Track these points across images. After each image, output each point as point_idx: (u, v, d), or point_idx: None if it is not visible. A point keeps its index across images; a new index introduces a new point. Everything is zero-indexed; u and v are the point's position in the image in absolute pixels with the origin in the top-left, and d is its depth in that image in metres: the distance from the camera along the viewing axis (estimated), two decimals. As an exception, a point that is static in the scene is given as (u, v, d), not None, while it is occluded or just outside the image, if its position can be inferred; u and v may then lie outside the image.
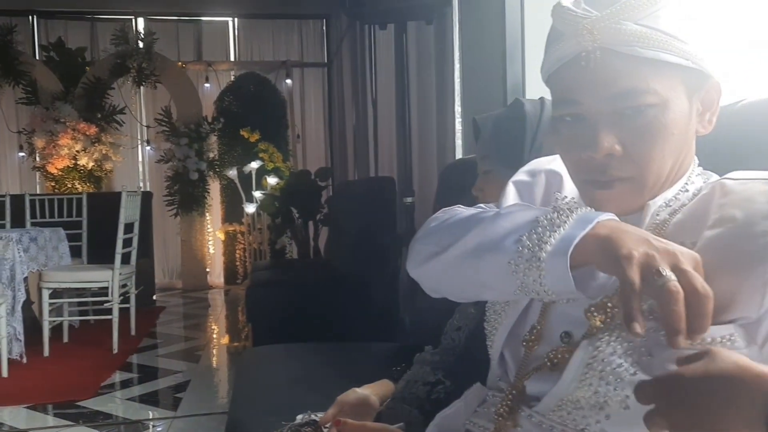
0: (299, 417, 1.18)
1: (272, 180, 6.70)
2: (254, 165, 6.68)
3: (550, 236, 0.69)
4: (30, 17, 7.47)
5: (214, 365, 3.94)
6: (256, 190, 6.68)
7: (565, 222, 0.70)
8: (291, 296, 3.62)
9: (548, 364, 0.76)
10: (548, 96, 1.20)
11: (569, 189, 0.89)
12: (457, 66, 2.66)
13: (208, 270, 7.18)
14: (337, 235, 4.72)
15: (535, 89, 2.06)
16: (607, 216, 0.70)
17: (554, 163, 0.93)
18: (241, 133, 6.88)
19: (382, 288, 3.28)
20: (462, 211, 0.88)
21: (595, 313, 0.72)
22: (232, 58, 7.74)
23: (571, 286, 0.67)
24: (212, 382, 3.58)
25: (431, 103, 3.00)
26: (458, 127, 2.71)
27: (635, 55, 0.71)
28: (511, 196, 0.93)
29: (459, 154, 2.68)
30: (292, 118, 7.50)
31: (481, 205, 0.94)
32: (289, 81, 7.54)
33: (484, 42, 2.24)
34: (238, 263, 7.04)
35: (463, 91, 2.54)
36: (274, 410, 1.41)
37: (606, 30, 0.71)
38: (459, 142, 2.69)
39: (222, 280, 7.18)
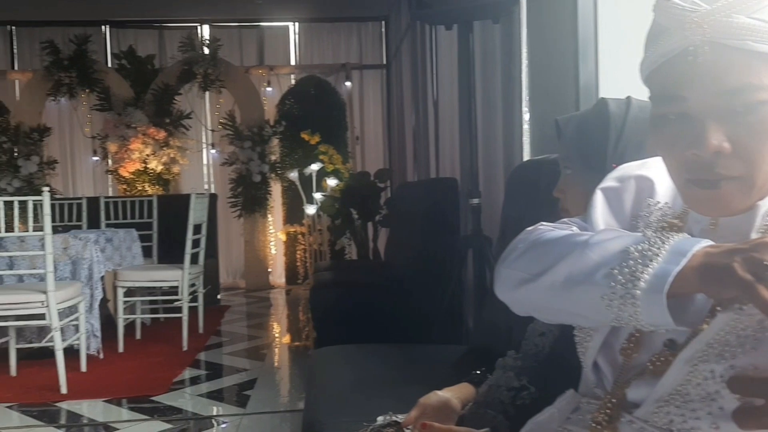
0: (380, 418, 1.18)
1: (332, 182, 6.77)
2: (314, 167, 6.76)
3: (642, 271, 0.67)
4: (103, 27, 7.81)
5: (280, 364, 4.01)
6: (317, 191, 6.76)
7: (657, 255, 0.68)
8: (353, 297, 3.66)
9: (650, 368, 0.75)
10: (624, 95, 1.17)
11: (661, 195, 0.87)
12: (524, 65, 2.63)
13: (270, 270, 7.32)
14: (397, 236, 4.73)
15: (610, 88, 2.01)
16: (702, 243, 0.68)
17: (644, 168, 0.91)
18: (302, 135, 6.98)
19: (444, 290, 3.27)
20: (547, 230, 0.87)
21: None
22: (292, 62, 7.87)
23: (669, 321, 0.66)
24: (278, 380, 3.65)
25: (496, 103, 2.96)
26: (525, 127, 2.67)
27: (747, 50, 0.69)
28: (599, 205, 0.91)
29: (526, 155, 2.64)
30: (351, 119, 7.56)
31: (565, 219, 0.92)
32: (348, 83, 7.61)
33: (555, 40, 2.20)
34: (298, 264, 7.15)
35: (531, 90, 2.51)
36: (351, 411, 1.42)
37: (716, 23, 0.69)
38: (526, 142, 2.65)
39: (283, 280, 7.30)
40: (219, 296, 6.37)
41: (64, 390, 3.29)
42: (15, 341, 3.69)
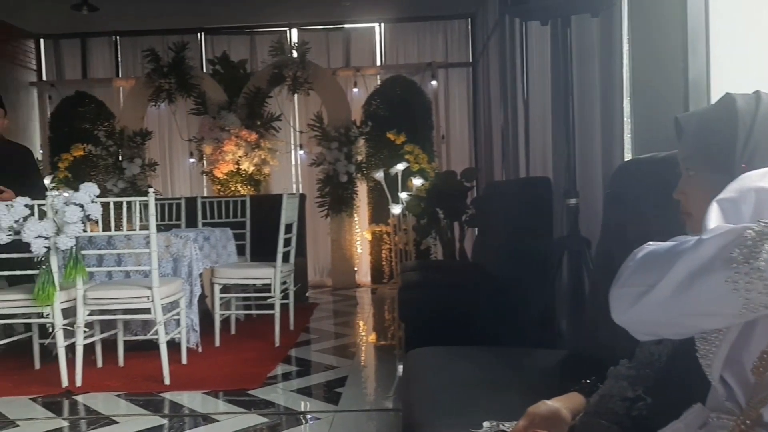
0: (486, 424, 1.16)
1: (418, 181, 6.77)
2: (400, 167, 6.79)
3: (762, 244, 0.69)
4: (198, 34, 8.17)
5: (369, 363, 4.04)
6: (402, 191, 6.78)
7: None
8: (441, 298, 3.63)
9: None
10: (739, 89, 1.09)
11: None
12: (625, 60, 2.52)
13: (356, 269, 7.41)
14: (486, 236, 4.67)
15: (722, 83, 1.90)
16: None
17: (766, 179, 0.85)
18: (388, 135, 7.04)
19: (536, 292, 3.19)
20: (657, 246, 0.86)
21: None
22: (378, 63, 7.94)
23: None
24: (368, 379, 3.68)
25: (594, 99, 2.86)
26: (627, 124, 2.56)
27: None
28: (713, 215, 0.86)
29: (628, 154, 2.53)
30: (437, 119, 7.54)
31: (678, 237, 0.88)
32: (434, 82, 7.59)
33: (661, 32, 2.10)
34: (384, 263, 7.20)
35: (633, 85, 2.40)
36: (452, 414, 1.41)
37: None
38: (628, 140, 2.54)
39: (369, 279, 7.38)
40: (308, 294, 6.51)
41: (167, 381, 3.46)
42: (122, 333, 3.92)
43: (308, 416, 2.96)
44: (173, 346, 3.77)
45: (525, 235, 3.31)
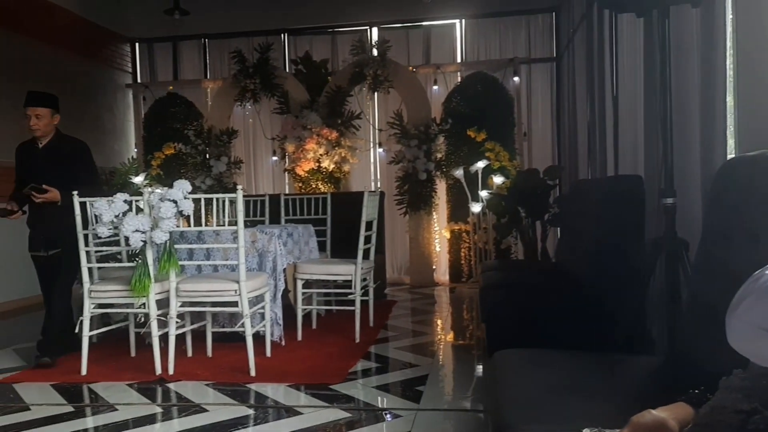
0: (586, 431, 1.12)
1: (498, 179, 6.68)
2: (480, 164, 6.71)
3: None
4: (282, 35, 8.37)
5: (449, 362, 4.01)
6: (482, 189, 6.70)
7: None
8: (525, 299, 3.56)
9: None
10: None
11: None
12: (729, 53, 2.37)
13: (434, 267, 7.38)
14: (571, 236, 4.53)
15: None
16: None
17: None
18: (468, 132, 6.97)
19: (625, 296, 3.06)
20: None
21: None
22: (459, 60, 7.87)
23: None
24: (449, 378, 3.66)
25: (693, 94, 2.71)
26: (729, 120, 2.41)
27: None
28: None
29: (731, 152, 2.39)
30: (519, 116, 7.40)
31: None
32: (516, 78, 7.45)
33: (772, 22, 1.96)
34: (462, 262, 7.14)
35: (738, 79, 2.26)
36: (545, 419, 1.37)
37: None
38: (731, 137, 2.39)
39: (447, 277, 7.33)
40: (386, 291, 6.54)
41: (252, 373, 3.56)
42: (211, 325, 4.07)
43: (390, 413, 2.97)
44: (258, 338, 3.87)
45: (614, 235, 3.18)
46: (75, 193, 3.64)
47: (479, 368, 3.84)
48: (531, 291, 3.55)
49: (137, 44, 8.85)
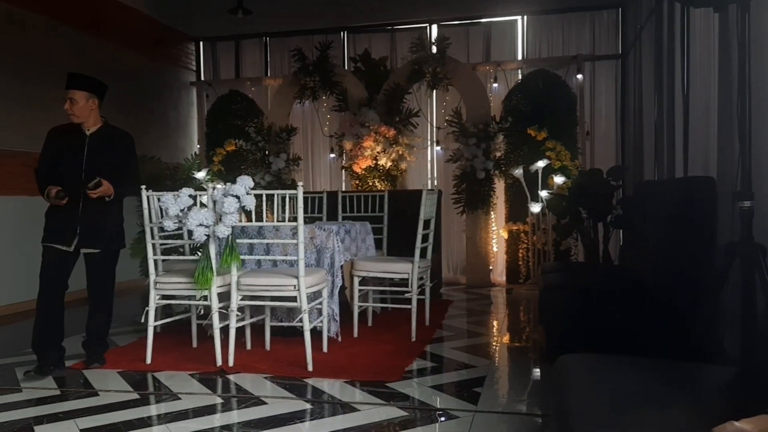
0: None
1: (559, 179, 6.54)
2: (541, 164, 6.59)
3: None
4: (341, 33, 8.43)
5: (506, 364, 3.95)
6: (542, 189, 6.58)
7: None
8: (588, 302, 3.47)
9: None
10: None
11: None
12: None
13: (491, 268, 7.29)
14: (636, 239, 4.39)
15: None
16: None
17: None
18: (528, 131, 6.84)
19: (694, 302, 2.94)
20: None
21: None
22: (520, 57, 7.74)
23: None
24: (506, 380, 3.59)
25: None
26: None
27: None
28: None
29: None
30: (581, 114, 7.22)
31: None
32: (579, 76, 7.27)
33: None
34: (520, 263, 7.03)
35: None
36: (616, 428, 1.31)
37: None
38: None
39: (504, 278, 7.23)
40: (441, 290, 6.50)
41: (310, 368, 3.59)
42: (269, 319, 4.13)
43: (446, 413, 2.94)
44: (315, 334, 3.90)
45: (684, 239, 3.06)
46: (143, 186, 3.77)
47: (536, 371, 3.77)
48: (594, 294, 3.45)
49: (201, 43, 9.08)
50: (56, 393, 3.32)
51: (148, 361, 3.79)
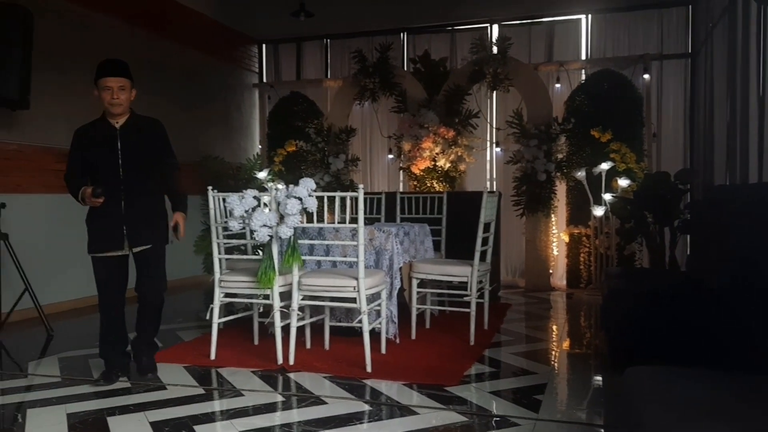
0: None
1: (623, 182, 6.36)
2: (604, 166, 6.43)
3: None
4: (401, 34, 8.45)
5: (567, 371, 3.86)
6: (606, 192, 6.42)
7: None
8: (655, 310, 3.35)
9: None
10: None
11: None
12: None
13: (551, 271, 7.16)
14: (708, 245, 4.21)
15: None
16: None
17: None
18: (592, 132, 6.69)
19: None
20: None
21: None
22: (584, 57, 7.57)
23: None
24: (568, 389, 3.52)
25: None
26: None
27: None
28: None
29: None
30: (648, 115, 7.00)
31: None
32: (646, 76, 7.05)
33: None
34: (581, 267, 6.87)
35: None
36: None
37: None
38: None
39: (564, 282, 7.09)
40: (500, 294, 6.42)
41: (368, 369, 3.61)
42: (328, 319, 4.18)
43: (506, 420, 2.90)
44: (373, 335, 3.92)
45: (759, 247, 2.92)
46: (211, 188, 3.87)
47: (597, 379, 3.67)
48: (663, 302, 3.33)
49: (264, 45, 9.27)
50: (126, 385, 3.45)
51: (212, 357, 3.90)
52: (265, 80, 9.23)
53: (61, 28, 5.78)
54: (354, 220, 3.62)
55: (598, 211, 6.47)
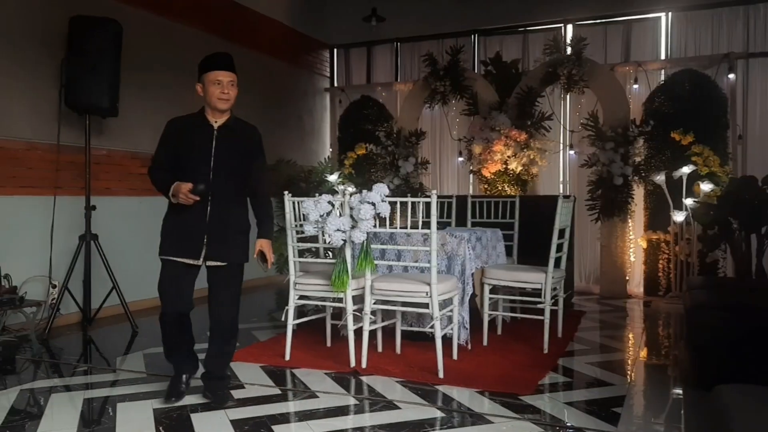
0: None
1: (706, 186, 6.10)
2: (686, 170, 6.18)
3: None
4: (472, 36, 8.39)
5: (644, 383, 3.73)
6: (687, 197, 6.17)
7: None
8: (746, 324, 3.19)
9: None
10: None
11: None
12: None
13: (627, 278, 6.93)
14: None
15: None
16: None
17: None
18: (672, 135, 6.44)
19: None
20: None
21: None
22: (663, 56, 7.30)
23: None
24: (646, 402, 3.40)
25: None
26: None
27: None
28: None
29: None
30: (733, 117, 6.67)
31: None
32: (731, 75, 6.72)
33: None
34: (660, 274, 6.63)
35: None
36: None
37: None
38: None
39: (641, 290, 6.85)
40: (573, 300, 6.27)
41: (441, 374, 3.61)
42: (400, 323, 4.20)
43: (583, 433, 2.84)
44: (445, 340, 3.90)
45: None
46: (287, 192, 3.96)
47: (677, 392, 3.53)
48: (754, 315, 3.17)
49: (335, 50, 9.41)
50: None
51: (287, 357, 3.99)
52: (336, 84, 9.37)
53: (147, 40, 6.06)
54: (426, 225, 3.62)
55: (679, 217, 6.22)
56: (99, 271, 5.19)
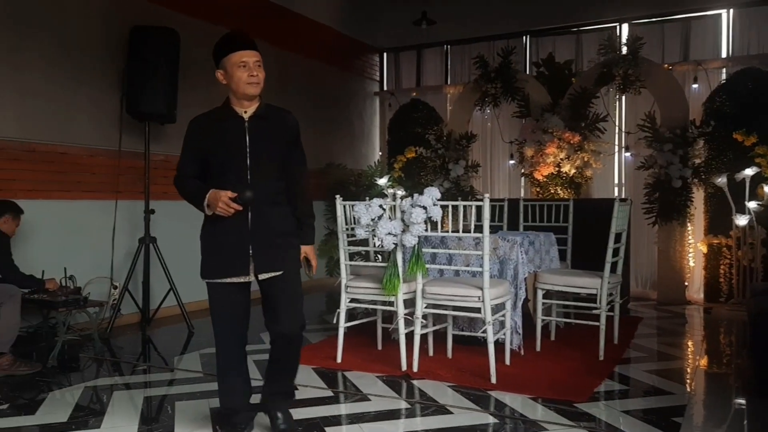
0: None
1: (771, 189, 5.85)
2: (749, 172, 5.96)
3: None
4: (523, 37, 8.29)
5: (704, 392, 3.60)
6: (750, 200, 5.94)
7: None
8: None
9: None
10: None
11: None
12: None
13: (686, 284, 6.70)
14: None
15: None
16: None
17: None
18: (734, 136, 6.21)
19: None
20: None
21: None
22: (724, 55, 7.05)
23: None
24: (708, 412, 3.28)
25: None
26: None
27: None
28: None
29: None
30: (801, 116, 6.37)
31: None
32: (798, 73, 6.43)
33: None
34: (721, 280, 6.39)
35: None
36: None
37: None
38: None
39: (701, 296, 6.61)
40: (629, 306, 6.11)
41: (493, 380, 3.57)
42: (451, 327, 4.18)
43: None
44: (497, 345, 3.86)
45: None
46: (339, 196, 3.99)
47: (740, 402, 3.39)
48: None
49: (385, 54, 9.45)
50: (260, 383, 3.62)
51: (339, 360, 4.02)
52: (385, 88, 9.40)
53: (203, 48, 6.21)
54: (477, 229, 3.59)
55: (742, 220, 5.99)
56: (157, 272, 5.34)
